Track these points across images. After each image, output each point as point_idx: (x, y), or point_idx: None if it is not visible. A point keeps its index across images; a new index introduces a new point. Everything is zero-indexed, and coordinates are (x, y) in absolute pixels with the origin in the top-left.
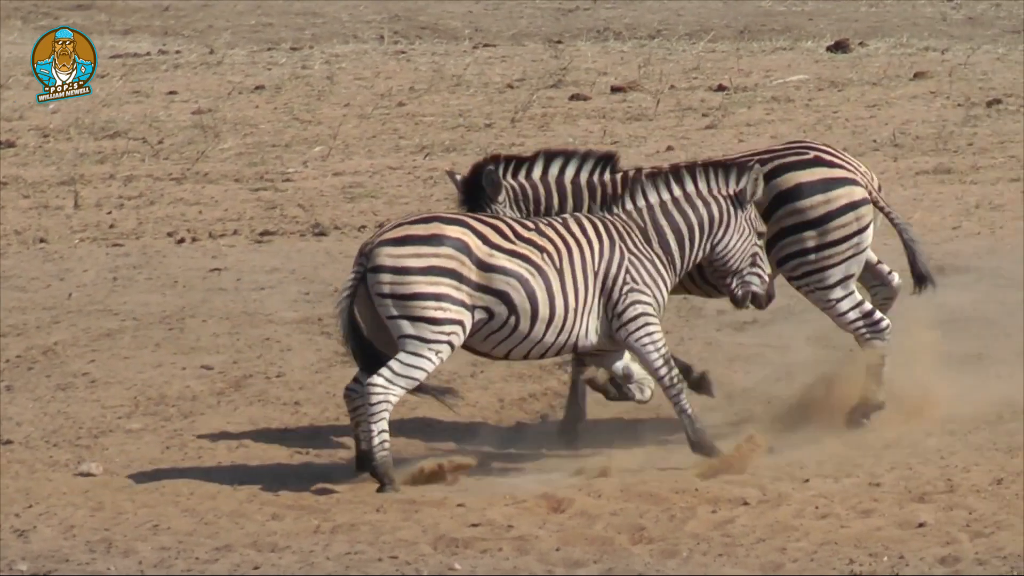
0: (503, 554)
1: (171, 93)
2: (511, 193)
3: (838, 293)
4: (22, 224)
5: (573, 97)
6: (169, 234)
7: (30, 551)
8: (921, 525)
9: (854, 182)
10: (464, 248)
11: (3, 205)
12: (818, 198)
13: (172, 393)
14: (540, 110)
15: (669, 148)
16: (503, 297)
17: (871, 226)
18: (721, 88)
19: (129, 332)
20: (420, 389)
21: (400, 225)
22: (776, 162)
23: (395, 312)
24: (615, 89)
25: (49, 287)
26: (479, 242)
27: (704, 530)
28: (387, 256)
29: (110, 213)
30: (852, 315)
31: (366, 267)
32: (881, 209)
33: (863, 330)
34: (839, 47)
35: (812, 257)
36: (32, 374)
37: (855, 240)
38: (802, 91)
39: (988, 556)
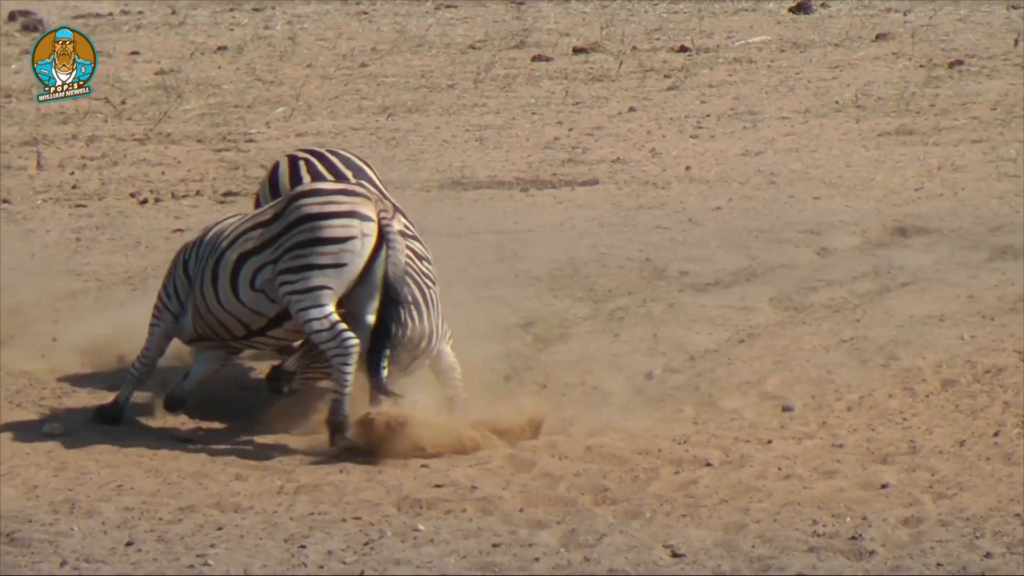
0: (467, 515)
1: (134, 53)
2: None
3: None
4: None
5: (535, 58)
6: (132, 195)
7: None
8: (884, 486)
9: None
10: None
11: None
12: None
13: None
14: (503, 71)
15: (631, 109)
16: None
17: None
18: (683, 49)
19: (92, 292)
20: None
21: None
22: None
23: None
24: (577, 50)
25: (12, 248)
26: None
27: (667, 491)
28: None
29: (73, 174)
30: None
31: None
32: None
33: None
34: (801, 8)
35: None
36: None
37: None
38: (764, 52)
39: (951, 517)
